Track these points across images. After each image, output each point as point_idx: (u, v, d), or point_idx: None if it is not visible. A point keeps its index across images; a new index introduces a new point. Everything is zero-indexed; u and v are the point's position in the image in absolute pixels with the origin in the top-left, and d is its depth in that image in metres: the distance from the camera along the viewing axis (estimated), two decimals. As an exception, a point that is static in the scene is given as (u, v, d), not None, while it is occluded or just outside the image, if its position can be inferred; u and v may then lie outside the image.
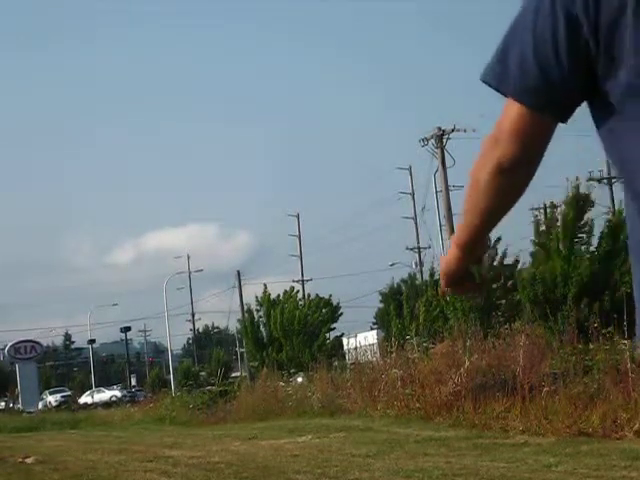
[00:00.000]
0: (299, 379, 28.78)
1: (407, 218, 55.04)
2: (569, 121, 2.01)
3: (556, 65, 1.77)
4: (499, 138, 1.97)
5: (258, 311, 49.42)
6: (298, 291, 53.07)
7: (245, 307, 53.82)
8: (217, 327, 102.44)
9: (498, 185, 2.02)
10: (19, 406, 52.32)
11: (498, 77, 1.90)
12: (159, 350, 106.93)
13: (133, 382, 76.30)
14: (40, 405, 55.19)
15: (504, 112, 1.91)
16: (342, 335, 46.62)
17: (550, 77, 1.79)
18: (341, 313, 50.17)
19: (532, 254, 29.94)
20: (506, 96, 1.89)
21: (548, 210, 34.66)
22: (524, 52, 1.81)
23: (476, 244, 2.20)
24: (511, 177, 2.00)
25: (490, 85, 1.92)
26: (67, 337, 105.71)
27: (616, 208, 31.15)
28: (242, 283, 61.60)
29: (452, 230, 35.74)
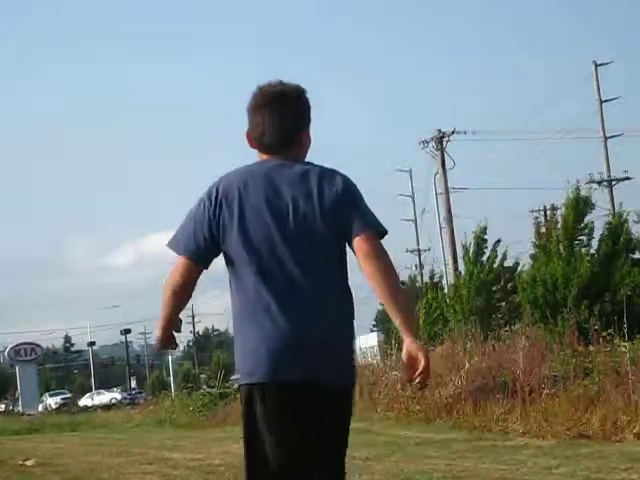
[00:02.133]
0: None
1: (407, 220, 55.03)
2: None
3: (202, 239, 3.50)
4: (172, 274, 3.55)
5: (258, 313, 49.42)
6: (298, 293, 53.10)
7: (245, 309, 53.75)
8: (217, 329, 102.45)
9: (172, 296, 3.60)
10: (19, 408, 52.30)
11: (174, 244, 3.56)
12: (159, 353, 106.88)
13: (133, 384, 76.28)
14: (40, 407, 55.20)
15: (175, 261, 3.54)
16: (342, 337, 46.65)
17: (199, 245, 3.51)
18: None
19: (532, 256, 29.95)
20: (178, 254, 3.53)
21: (548, 212, 34.71)
22: (188, 231, 3.53)
23: (172, 323, 3.71)
24: (180, 292, 3.61)
25: (171, 248, 3.57)
26: (67, 339, 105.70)
27: (616, 210, 31.12)
28: (242, 285, 61.53)
29: (452, 232, 35.73)
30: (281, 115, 3.52)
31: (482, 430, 13.19)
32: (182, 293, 3.58)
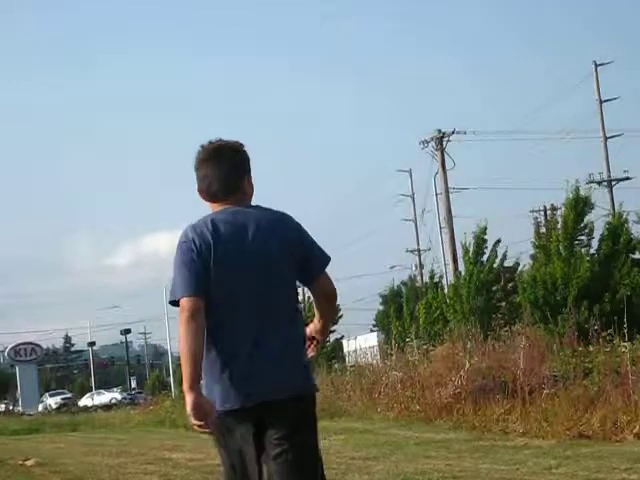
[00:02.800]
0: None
1: (407, 220, 54.98)
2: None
3: (202, 276, 3.83)
4: (190, 320, 3.76)
5: (258, 313, 49.41)
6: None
7: (245, 309, 53.75)
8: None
9: (200, 343, 3.77)
10: (19, 408, 52.30)
11: (172, 293, 3.88)
12: (159, 352, 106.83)
13: (133, 384, 76.28)
14: (40, 407, 55.19)
15: (185, 307, 3.80)
16: (342, 337, 46.60)
17: (200, 281, 3.82)
18: (341, 315, 50.19)
19: (532, 256, 29.94)
20: (178, 302, 3.83)
21: (548, 212, 34.71)
22: (186, 276, 3.84)
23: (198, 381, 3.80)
24: (199, 332, 3.76)
25: (172, 302, 3.89)
26: (67, 339, 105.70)
27: (616, 210, 31.10)
28: (242, 285, 61.52)
29: (452, 232, 35.72)
30: (222, 166, 4.04)
31: (482, 430, 13.19)
32: (203, 336, 3.82)
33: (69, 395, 67.49)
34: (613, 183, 43.07)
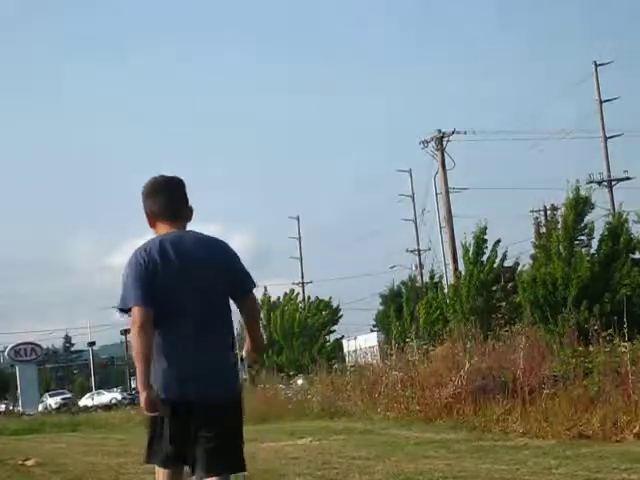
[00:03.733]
0: (299, 382, 28.77)
1: (407, 220, 54.99)
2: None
3: (148, 289, 4.56)
4: (140, 328, 4.53)
5: (258, 313, 49.44)
6: (298, 294, 53.10)
7: (245, 309, 53.72)
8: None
9: (142, 342, 4.55)
10: (19, 408, 52.28)
11: (123, 302, 4.64)
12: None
13: (133, 385, 76.15)
14: (40, 407, 55.17)
15: (135, 316, 4.54)
16: (342, 337, 46.62)
17: (149, 293, 4.56)
18: (341, 315, 50.22)
19: (532, 256, 29.95)
20: (128, 310, 4.60)
21: (548, 212, 34.69)
22: (136, 288, 4.58)
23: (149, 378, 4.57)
24: (149, 339, 4.54)
25: (121, 309, 4.64)
26: (67, 339, 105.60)
27: (616, 210, 31.11)
28: (242, 285, 61.47)
29: (452, 232, 35.72)
30: (170, 196, 4.90)
31: (482, 430, 13.19)
32: (152, 342, 4.63)
33: (69, 395, 67.39)
34: (613, 183, 43.09)
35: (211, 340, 4.70)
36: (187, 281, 4.69)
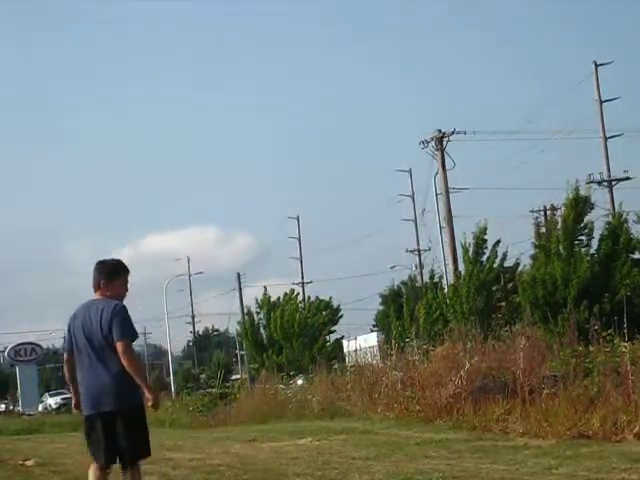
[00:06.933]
0: (299, 381, 28.77)
1: (407, 220, 55.02)
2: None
3: (70, 342, 7.44)
4: (66, 365, 7.58)
5: (258, 313, 49.37)
6: (298, 294, 53.08)
7: (245, 309, 53.76)
8: (217, 329, 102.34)
9: (72, 377, 7.45)
10: (19, 408, 52.26)
11: (64, 349, 7.76)
12: (159, 352, 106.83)
13: (133, 384, 76.08)
14: (40, 407, 55.13)
15: (66, 358, 7.56)
16: (342, 337, 46.59)
17: (70, 343, 7.43)
18: (341, 315, 50.19)
19: (532, 256, 29.96)
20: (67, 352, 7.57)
21: (548, 212, 34.71)
22: (67, 340, 7.51)
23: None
24: (72, 371, 7.43)
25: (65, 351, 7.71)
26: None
27: (616, 210, 31.12)
28: (242, 285, 61.52)
29: (452, 232, 35.71)
30: (95, 274, 7.43)
31: (482, 430, 13.19)
32: (74, 373, 7.38)
33: (69, 395, 66.84)
34: (613, 183, 43.08)
35: (103, 371, 7.08)
36: (84, 333, 7.18)
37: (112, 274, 7.32)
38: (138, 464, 7.25)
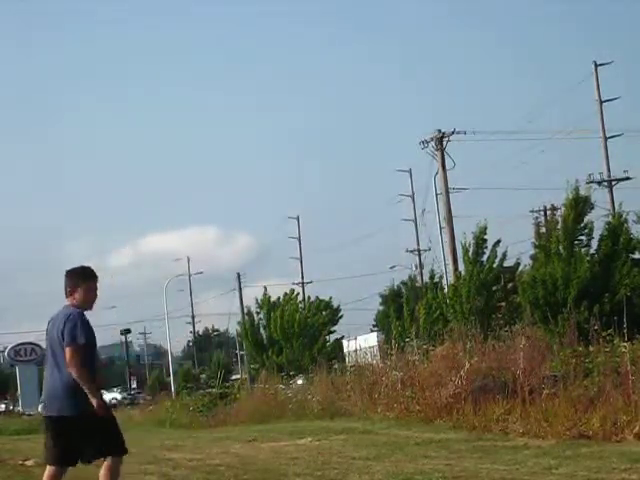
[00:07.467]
0: (299, 381, 28.78)
1: (407, 220, 55.05)
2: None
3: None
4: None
5: (258, 314, 49.36)
6: (298, 294, 53.08)
7: (245, 310, 53.74)
8: (217, 329, 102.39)
9: None
10: (19, 408, 52.25)
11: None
12: (159, 352, 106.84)
13: (133, 385, 76.25)
14: (40, 407, 55.01)
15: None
16: (342, 337, 46.58)
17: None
18: (341, 315, 50.20)
19: (532, 256, 29.95)
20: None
21: (548, 212, 34.72)
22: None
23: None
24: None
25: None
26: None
27: (616, 210, 31.11)
28: (242, 285, 61.53)
29: (452, 232, 35.71)
30: (64, 281, 7.59)
31: (482, 430, 13.19)
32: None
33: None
34: (613, 183, 43.08)
35: (58, 375, 7.34)
36: (48, 339, 7.53)
37: (79, 281, 7.46)
38: (112, 459, 8.01)
